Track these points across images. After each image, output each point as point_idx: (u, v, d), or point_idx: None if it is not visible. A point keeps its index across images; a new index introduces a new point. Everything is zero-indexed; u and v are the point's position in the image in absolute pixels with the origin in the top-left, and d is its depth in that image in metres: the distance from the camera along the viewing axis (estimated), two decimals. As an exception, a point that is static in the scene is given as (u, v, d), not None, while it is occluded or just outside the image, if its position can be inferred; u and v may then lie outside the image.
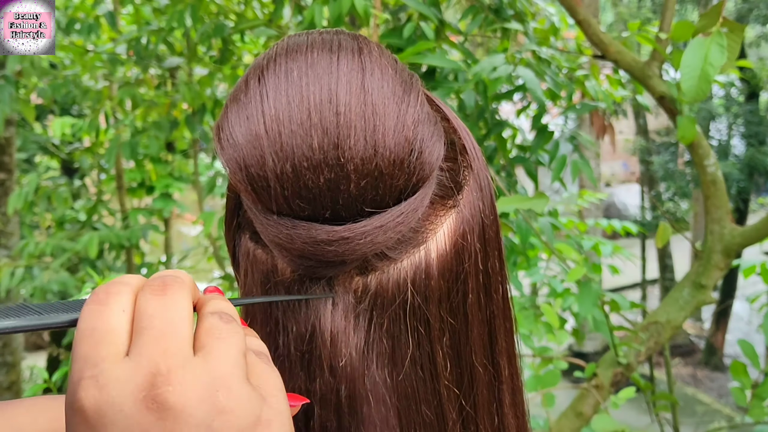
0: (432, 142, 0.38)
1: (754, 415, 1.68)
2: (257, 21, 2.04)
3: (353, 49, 0.38)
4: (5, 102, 2.15)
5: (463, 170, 0.42)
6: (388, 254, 0.39)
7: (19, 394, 2.86)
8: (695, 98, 0.99)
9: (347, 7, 1.30)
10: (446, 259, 0.40)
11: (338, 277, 0.39)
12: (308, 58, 0.37)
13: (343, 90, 0.36)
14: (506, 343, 0.45)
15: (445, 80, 1.52)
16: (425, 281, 0.39)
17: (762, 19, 6.47)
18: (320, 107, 0.35)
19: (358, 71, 0.36)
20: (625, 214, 11.08)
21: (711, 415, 5.52)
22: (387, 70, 0.37)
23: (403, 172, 0.36)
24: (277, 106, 0.36)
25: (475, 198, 0.42)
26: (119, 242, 2.76)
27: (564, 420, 1.69)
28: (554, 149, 1.74)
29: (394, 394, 0.40)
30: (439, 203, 0.40)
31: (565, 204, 2.47)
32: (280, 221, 0.37)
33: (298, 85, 0.36)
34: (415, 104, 0.37)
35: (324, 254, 0.36)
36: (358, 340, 0.39)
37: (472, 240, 0.41)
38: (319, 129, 0.35)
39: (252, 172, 0.36)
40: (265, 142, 0.35)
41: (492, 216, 0.43)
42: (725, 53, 0.96)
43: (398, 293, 0.39)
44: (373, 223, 0.36)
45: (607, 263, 2.21)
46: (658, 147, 7.80)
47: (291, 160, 0.35)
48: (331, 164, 0.35)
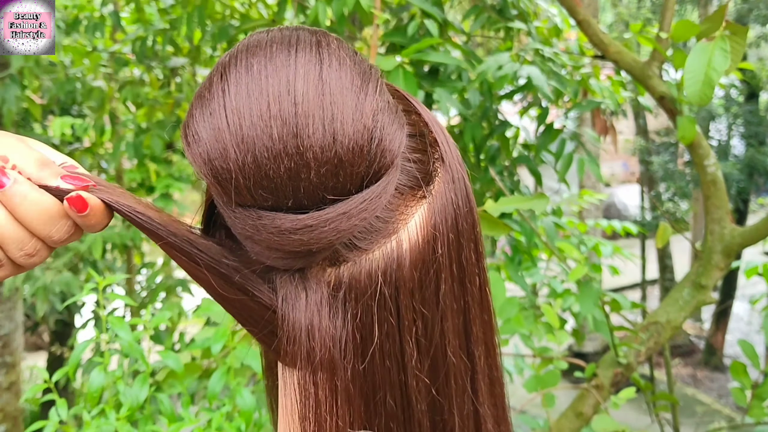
0: (393, 129, 0.38)
1: (754, 415, 1.68)
2: (261, 21, 2.04)
3: (311, 42, 0.39)
4: (11, 102, 2.15)
5: (433, 162, 0.42)
6: (359, 245, 0.39)
7: (18, 394, 2.86)
8: (699, 103, 0.99)
9: (352, 5, 1.30)
10: (418, 249, 0.40)
11: (311, 269, 0.39)
12: (267, 53, 0.38)
13: (301, 81, 0.36)
14: (483, 334, 0.45)
15: (448, 79, 1.52)
16: (397, 271, 0.40)
17: (762, 19, 6.47)
18: (279, 98, 0.36)
19: (315, 63, 0.37)
20: (625, 215, 11.08)
21: (711, 415, 5.51)
22: (345, 61, 0.38)
23: (363, 159, 0.37)
24: (237, 100, 0.36)
25: (447, 189, 0.42)
26: (122, 242, 2.77)
27: (564, 420, 1.69)
28: (560, 148, 1.74)
29: (363, 383, 0.40)
30: (409, 194, 0.41)
31: (565, 204, 2.47)
32: (245, 213, 0.38)
33: (258, 78, 0.37)
34: (374, 93, 0.38)
35: (289, 243, 0.37)
36: (334, 332, 0.39)
37: (445, 230, 0.41)
38: (278, 119, 0.36)
39: (216, 165, 0.37)
40: (227, 135, 0.36)
41: (466, 208, 0.43)
42: (729, 58, 0.96)
43: (370, 284, 0.39)
44: (336, 210, 0.37)
45: (607, 263, 2.21)
46: (658, 147, 7.80)
47: (252, 151, 0.36)
48: (291, 153, 0.36)
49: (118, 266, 3.62)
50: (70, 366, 1.32)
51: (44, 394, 1.38)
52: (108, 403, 1.31)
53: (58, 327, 4.23)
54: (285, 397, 0.44)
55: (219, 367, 1.36)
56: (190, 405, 1.44)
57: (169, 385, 1.48)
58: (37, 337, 6.49)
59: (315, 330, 0.39)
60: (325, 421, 0.39)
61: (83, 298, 1.43)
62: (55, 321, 4.14)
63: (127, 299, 1.44)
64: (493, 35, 2.02)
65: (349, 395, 0.40)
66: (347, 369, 0.39)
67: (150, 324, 1.40)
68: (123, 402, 1.29)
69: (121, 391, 1.30)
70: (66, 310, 3.81)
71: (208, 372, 1.56)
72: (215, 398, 1.32)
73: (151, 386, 1.33)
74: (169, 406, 1.34)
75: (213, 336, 1.34)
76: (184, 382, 1.49)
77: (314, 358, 0.39)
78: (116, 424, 1.25)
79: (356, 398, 0.40)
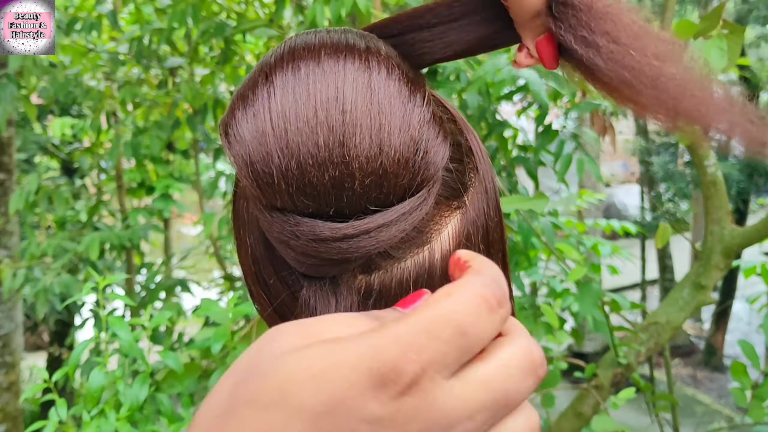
0: (438, 142, 0.38)
1: (754, 415, 1.68)
2: (258, 21, 2.04)
3: (361, 47, 0.38)
4: (7, 101, 2.15)
5: (469, 172, 0.42)
6: (392, 254, 0.39)
7: (18, 394, 2.86)
8: (696, 100, 0.99)
9: (350, 6, 1.30)
10: (449, 259, 0.40)
11: (342, 276, 0.39)
12: (316, 57, 0.37)
13: (350, 88, 0.36)
14: None
15: (447, 80, 1.52)
16: (427, 281, 0.39)
17: (762, 19, 6.47)
18: (326, 105, 0.35)
19: (364, 70, 0.37)
20: (624, 215, 11.07)
21: (711, 415, 5.51)
22: (394, 69, 0.38)
23: (408, 172, 0.36)
24: (283, 104, 0.36)
25: (480, 200, 0.42)
26: (120, 243, 2.76)
27: (564, 420, 1.69)
28: (559, 149, 1.74)
29: None
30: (444, 204, 0.40)
31: (564, 204, 2.47)
32: (284, 218, 0.37)
33: (305, 82, 0.36)
34: (421, 104, 0.37)
35: (327, 251, 0.36)
36: None
37: (477, 242, 0.41)
38: (325, 126, 0.35)
39: (258, 168, 0.36)
40: (271, 139, 0.36)
41: (497, 219, 0.43)
42: (726, 56, 0.96)
43: (401, 293, 0.39)
44: (376, 220, 0.36)
45: (606, 263, 2.21)
46: (658, 147, 7.80)
47: (296, 157, 0.35)
48: (336, 162, 0.35)
49: (117, 266, 3.62)
50: (70, 366, 1.32)
51: (44, 394, 1.38)
52: (108, 403, 1.31)
53: (57, 327, 4.23)
54: None
55: (219, 367, 1.36)
56: (190, 405, 1.44)
57: (168, 385, 1.48)
58: (37, 337, 6.49)
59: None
60: None
61: (83, 298, 1.43)
62: (55, 321, 4.14)
63: (126, 299, 1.44)
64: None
65: None
66: None
67: (150, 324, 1.40)
68: (123, 402, 1.29)
69: (121, 391, 1.30)
70: (66, 310, 3.81)
71: (208, 372, 1.56)
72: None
73: (150, 386, 1.33)
74: (169, 406, 1.34)
75: (213, 336, 1.34)
76: (184, 382, 1.49)
77: None
78: (116, 424, 1.25)
79: None
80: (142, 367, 1.35)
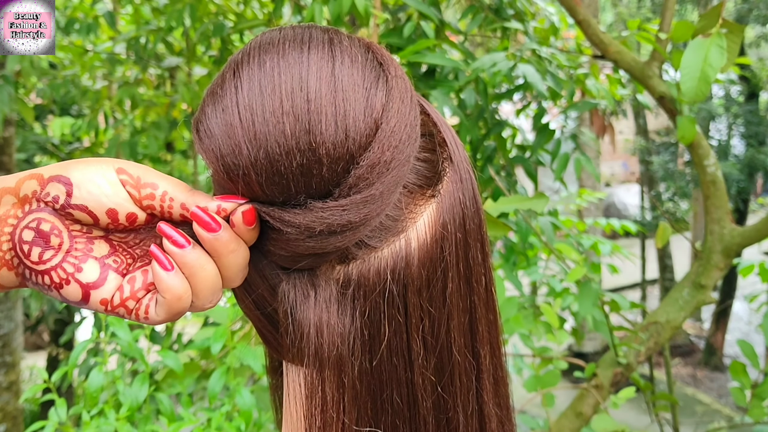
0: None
1: (753, 415, 1.68)
2: (256, 21, 2.04)
3: (324, 40, 0.39)
4: (4, 102, 2.15)
5: (442, 161, 0.43)
6: (368, 242, 0.39)
7: (18, 394, 2.86)
8: (695, 99, 0.99)
9: (348, 6, 1.30)
10: (426, 248, 0.40)
11: (320, 267, 0.40)
12: (280, 50, 0.38)
13: (314, 78, 0.37)
14: (488, 334, 0.45)
15: (445, 79, 1.52)
16: (405, 270, 0.40)
17: (762, 19, 6.47)
18: (291, 95, 0.36)
19: (328, 60, 0.38)
20: (624, 214, 11.07)
21: (711, 415, 5.52)
22: (357, 58, 0.39)
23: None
24: (250, 96, 0.37)
25: (455, 189, 0.42)
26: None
27: (564, 420, 1.69)
28: (556, 148, 1.74)
29: (371, 381, 0.40)
30: (419, 192, 0.41)
31: (564, 203, 2.47)
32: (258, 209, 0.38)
33: (270, 75, 0.37)
34: (385, 89, 0.38)
35: (299, 248, 0.37)
36: (342, 329, 0.39)
37: (453, 230, 0.42)
38: (291, 115, 0.36)
39: (228, 161, 0.37)
40: (239, 131, 0.37)
41: (474, 208, 0.44)
42: (725, 54, 0.96)
43: (378, 282, 0.39)
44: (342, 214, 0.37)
45: (606, 263, 2.21)
46: (658, 147, 7.80)
47: (264, 147, 0.36)
48: (303, 149, 0.36)
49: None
50: (70, 365, 1.32)
51: (44, 394, 1.38)
52: (107, 403, 1.31)
53: (57, 326, 4.23)
54: (290, 396, 0.44)
55: (218, 367, 1.36)
56: (190, 405, 1.44)
57: (168, 385, 1.48)
58: (37, 336, 6.50)
59: (324, 327, 0.39)
60: (332, 418, 0.40)
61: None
62: (55, 320, 4.14)
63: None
64: (492, 35, 2.02)
65: (356, 392, 0.40)
66: (355, 366, 0.40)
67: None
68: (122, 402, 1.29)
69: (121, 391, 1.30)
70: (65, 309, 3.81)
71: (207, 372, 1.56)
72: (215, 398, 1.32)
73: (150, 386, 1.33)
74: (168, 406, 1.34)
75: (212, 336, 1.34)
76: (184, 382, 1.49)
77: (322, 356, 0.39)
78: (116, 424, 1.25)
79: (363, 395, 0.40)
80: (142, 367, 1.35)
